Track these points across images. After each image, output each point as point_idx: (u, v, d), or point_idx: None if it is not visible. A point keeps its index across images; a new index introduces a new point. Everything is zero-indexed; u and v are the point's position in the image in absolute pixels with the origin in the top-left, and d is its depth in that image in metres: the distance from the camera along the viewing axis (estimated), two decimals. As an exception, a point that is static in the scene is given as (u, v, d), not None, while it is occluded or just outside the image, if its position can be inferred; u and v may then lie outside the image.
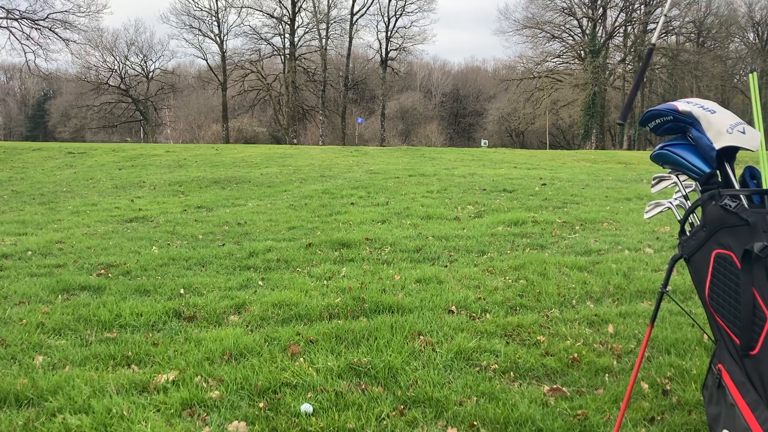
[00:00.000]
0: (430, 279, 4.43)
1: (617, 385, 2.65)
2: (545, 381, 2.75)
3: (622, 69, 44.08)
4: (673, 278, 4.18)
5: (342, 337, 3.21)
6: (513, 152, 22.76)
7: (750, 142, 1.89)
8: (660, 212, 2.14)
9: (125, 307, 3.70)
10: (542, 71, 45.43)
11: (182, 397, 2.54)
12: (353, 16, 43.50)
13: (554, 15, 44.50)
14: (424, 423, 2.35)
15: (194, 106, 49.88)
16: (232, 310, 3.79)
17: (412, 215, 7.61)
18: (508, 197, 9.30)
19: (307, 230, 6.73)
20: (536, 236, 6.17)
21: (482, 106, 53.13)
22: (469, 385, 2.65)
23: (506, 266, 4.85)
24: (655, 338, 3.17)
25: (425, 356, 2.98)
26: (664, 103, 2.10)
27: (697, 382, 2.63)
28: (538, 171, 14.05)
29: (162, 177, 12.96)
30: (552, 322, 3.50)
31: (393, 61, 45.71)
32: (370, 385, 2.66)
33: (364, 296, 3.94)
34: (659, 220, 6.68)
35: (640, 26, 43.27)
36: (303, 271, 4.84)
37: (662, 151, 2.07)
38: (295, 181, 11.76)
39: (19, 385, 2.65)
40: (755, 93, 2.04)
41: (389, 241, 5.88)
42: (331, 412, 2.40)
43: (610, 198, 9.22)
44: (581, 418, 2.35)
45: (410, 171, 13.48)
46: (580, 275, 4.55)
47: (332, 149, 22.77)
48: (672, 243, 5.72)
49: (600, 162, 17.80)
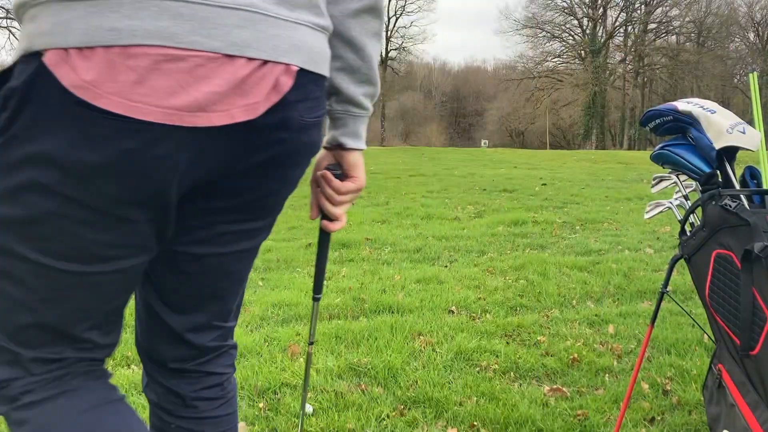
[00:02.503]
0: (430, 279, 4.43)
1: (617, 385, 2.65)
2: (545, 381, 2.75)
3: (623, 69, 44.09)
4: (674, 278, 4.18)
5: (342, 337, 3.21)
6: (513, 152, 22.76)
7: (750, 142, 1.89)
8: (660, 212, 2.14)
9: (125, 307, 3.69)
10: (542, 71, 45.46)
11: (182, 397, 2.53)
12: (353, 16, 43.53)
13: (554, 15, 44.57)
14: (424, 423, 2.35)
15: (194, 106, 49.78)
16: (232, 310, 3.78)
17: (412, 215, 7.61)
18: (508, 197, 9.30)
19: (307, 230, 6.74)
20: (536, 236, 6.17)
21: (482, 106, 53.16)
22: (469, 386, 2.65)
23: (506, 266, 4.85)
24: (655, 338, 3.17)
25: (425, 356, 2.98)
26: (664, 103, 2.10)
27: (697, 382, 2.63)
28: (538, 171, 14.06)
29: (162, 177, 12.95)
30: (552, 322, 3.50)
31: (393, 61, 45.77)
32: (370, 385, 2.66)
33: (364, 296, 3.94)
34: (659, 220, 6.68)
35: (640, 26, 43.28)
36: (303, 271, 4.84)
37: (662, 151, 2.07)
38: (295, 181, 11.76)
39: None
40: (755, 93, 2.04)
41: (389, 241, 5.88)
42: (331, 413, 2.40)
43: (611, 198, 9.23)
44: (581, 418, 2.35)
45: (410, 171, 13.48)
46: (580, 275, 4.55)
47: (332, 149, 22.76)
48: (672, 243, 5.72)
49: (600, 162, 17.81)
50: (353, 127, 1.14)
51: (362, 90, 1.11)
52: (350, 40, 1.07)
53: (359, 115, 1.13)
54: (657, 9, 42.49)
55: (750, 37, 44.92)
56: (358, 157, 1.17)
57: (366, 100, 1.13)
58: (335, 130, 1.15)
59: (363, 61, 1.09)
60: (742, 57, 44.77)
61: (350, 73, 1.09)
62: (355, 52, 1.08)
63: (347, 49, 1.07)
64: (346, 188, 1.17)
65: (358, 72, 1.09)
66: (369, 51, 1.09)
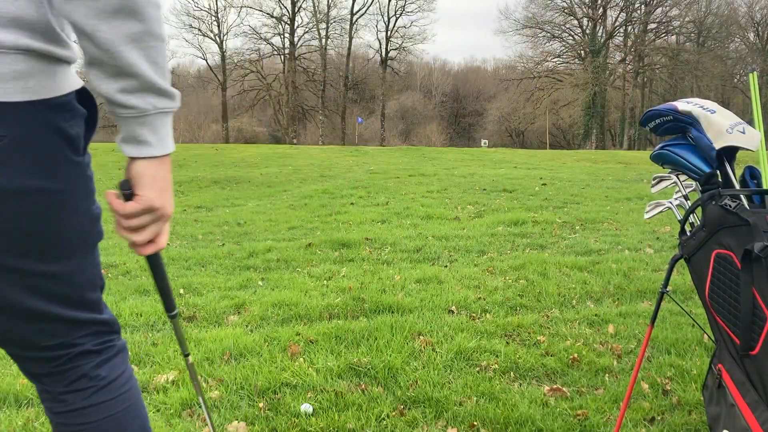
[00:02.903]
0: (430, 279, 4.43)
1: (617, 385, 2.65)
2: (545, 381, 2.75)
3: (623, 69, 44.08)
4: (673, 278, 4.18)
5: (342, 337, 3.21)
6: (513, 152, 22.76)
7: (750, 142, 1.89)
8: (660, 212, 2.14)
9: (125, 308, 3.70)
10: (542, 71, 45.44)
11: (182, 397, 2.53)
12: (353, 16, 43.52)
13: (554, 15, 44.55)
14: (424, 423, 2.35)
15: (194, 105, 49.87)
16: (231, 310, 3.79)
17: (412, 215, 7.61)
18: (508, 197, 9.30)
19: (307, 230, 6.74)
20: (536, 236, 6.17)
21: (482, 106, 53.14)
22: (469, 385, 2.65)
23: (506, 266, 4.85)
24: (655, 338, 3.17)
25: (425, 356, 2.98)
26: (664, 103, 2.10)
27: (697, 382, 2.63)
28: (538, 171, 14.06)
29: (162, 177, 12.93)
30: (552, 322, 3.50)
31: (393, 61, 45.73)
32: (370, 385, 2.66)
33: (364, 296, 3.93)
34: (659, 220, 6.68)
35: (640, 26, 43.28)
36: (303, 271, 4.84)
37: (662, 151, 2.07)
38: (294, 181, 11.76)
39: (18, 385, 2.65)
40: (755, 93, 2.04)
41: (389, 241, 5.88)
42: (331, 412, 2.40)
43: (610, 198, 9.23)
44: (581, 418, 2.35)
45: (410, 171, 13.48)
46: (580, 275, 4.55)
47: (332, 149, 22.77)
48: (672, 243, 5.72)
49: (600, 162, 17.81)
50: (126, 130, 0.96)
51: (117, 85, 0.92)
52: (75, 25, 0.88)
53: (128, 116, 0.94)
54: (657, 9, 42.49)
55: (750, 37, 44.94)
56: (142, 168, 0.97)
57: (128, 96, 0.93)
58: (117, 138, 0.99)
59: (100, 49, 0.88)
60: (742, 57, 44.77)
61: (96, 66, 0.91)
62: (87, 40, 0.88)
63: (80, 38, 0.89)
64: (126, 211, 0.99)
65: (102, 64, 0.90)
66: (103, 36, 0.88)
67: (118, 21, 0.87)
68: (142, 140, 0.96)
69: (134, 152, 0.97)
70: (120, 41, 0.88)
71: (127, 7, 0.87)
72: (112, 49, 0.88)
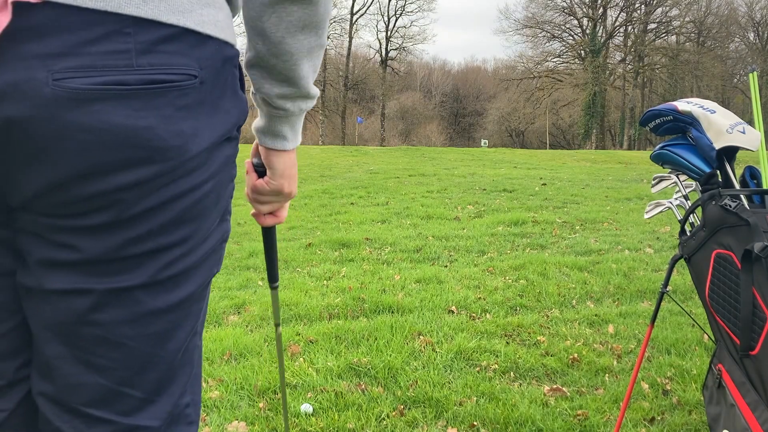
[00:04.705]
0: (430, 279, 4.43)
1: (617, 385, 2.65)
2: (545, 381, 2.75)
3: (623, 69, 44.08)
4: (673, 278, 4.18)
5: (342, 337, 3.21)
6: (513, 152, 22.77)
7: (750, 142, 1.89)
8: (660, 212, 2.14)
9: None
10: (542, 71, 45.42)
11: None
12: (353, 16, 43.50)
13: (554, 15, 44.50)
14: (424, 423, 2.35)
15: (194, 105, 49.76)
16: (231, 310, 3.79)
17: (412, 215, 7.61)
18: (508, 197, 9.30)
19: (307, 230, 6.74)
20: (536, 236, 6.17)
21: (482, 106, 53.12)
22: (469, 385, 2.65)
23: (506, 266, 4.85)
24: (655, 338, 3.17)
25: (425, 356, 2.98)
26: (664, 103, 2.10)
27: (697, 382, 2.63)
28: (538, 171, 14.06)
29: (162, 177, 12.94)
30: (552, 322, 3.50)
31: (393, 61, 45.72)
32: (370, 385, 2.66)
33: (364, 296, 3.94)
34: (659, 220, 6.68)
35: (640, 26, 43.28)
36: (303, 271, 4.84)
37: (662, 151, 2.07)
38: (295, 181, 11.74)
39: None
40: (755, 93, 2.04)
41: (389, 241, 5.88)
42: (331, 412, 2.40)
43: (610, 198, 9.23)
44: (581, 418, 2.35)
45: (410, 171, 13.48)
46: (580, 275, 4.55)
47: (332, 149, 22.77)
48: (672, 243, 5.72)
49: (600, 162, 17.81)
50: (270, 125, 0.97)
51: (280, 90, 0.92)
52: (263, 32, 0.86)
53: (278, 116, 0.96)
54: (657, 9, 42.46)
55: (750, 37, 44.93)
56: (275, 158, 0.99)
57: (284, 101, 0.94)
58: (257, 120, 0.99)
59: (278, 59, 0.88)
60: (742, 57, 44.75)
61: (263, 69, 0.91)
62: (268, 47, 0.87)
63: (259, 41, 0.87)
64: (258, 187, 1.02)
65: (272, 71, 0.90)
66: (286, 49, 0.87)
67: (303, 35, 0.87)
68: (281, 135, 0.98)
69: (271, 144, 0.99)
70: (300, 55, 0.88)
71: (314, 24, 0.87)
72: (290, 61, 0.88)
